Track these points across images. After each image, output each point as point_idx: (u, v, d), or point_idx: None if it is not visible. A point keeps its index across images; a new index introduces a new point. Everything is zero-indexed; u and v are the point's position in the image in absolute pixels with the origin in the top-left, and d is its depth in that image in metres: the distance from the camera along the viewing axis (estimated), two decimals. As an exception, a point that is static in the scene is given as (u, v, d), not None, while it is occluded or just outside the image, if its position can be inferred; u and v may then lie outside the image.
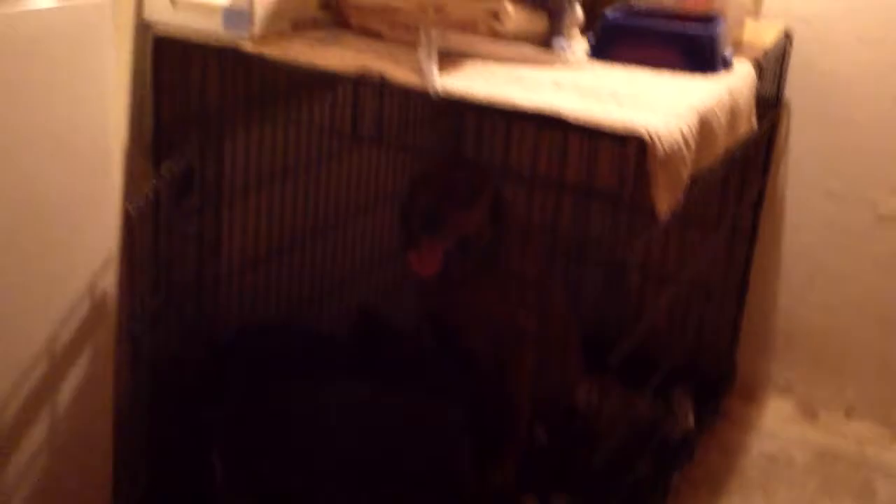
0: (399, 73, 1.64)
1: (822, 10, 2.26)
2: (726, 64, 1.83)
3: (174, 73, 1.79)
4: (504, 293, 2.12)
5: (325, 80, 1.92)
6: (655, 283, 2.28)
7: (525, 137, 2.02)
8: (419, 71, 1.64)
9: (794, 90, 2.25)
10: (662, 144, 1.49)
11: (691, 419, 2.24)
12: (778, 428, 2.42)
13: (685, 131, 1.55)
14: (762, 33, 2.12)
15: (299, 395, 1.92)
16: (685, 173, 1.58)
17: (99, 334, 1.72)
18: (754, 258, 2.40)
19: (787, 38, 2.23)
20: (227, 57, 1.75)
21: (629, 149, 1.49)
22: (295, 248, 2.16)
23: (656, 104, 1.58)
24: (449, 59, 1.71)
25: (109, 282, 1.70)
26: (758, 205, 2.35)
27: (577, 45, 1.93)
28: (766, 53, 2.02)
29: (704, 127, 1.64)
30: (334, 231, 2.28)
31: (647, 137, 1.47)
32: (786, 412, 2.49)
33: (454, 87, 1.59)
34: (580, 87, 1.65)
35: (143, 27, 1.75)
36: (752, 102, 1.89)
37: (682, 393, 2.26)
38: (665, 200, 1.55)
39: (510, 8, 1.78)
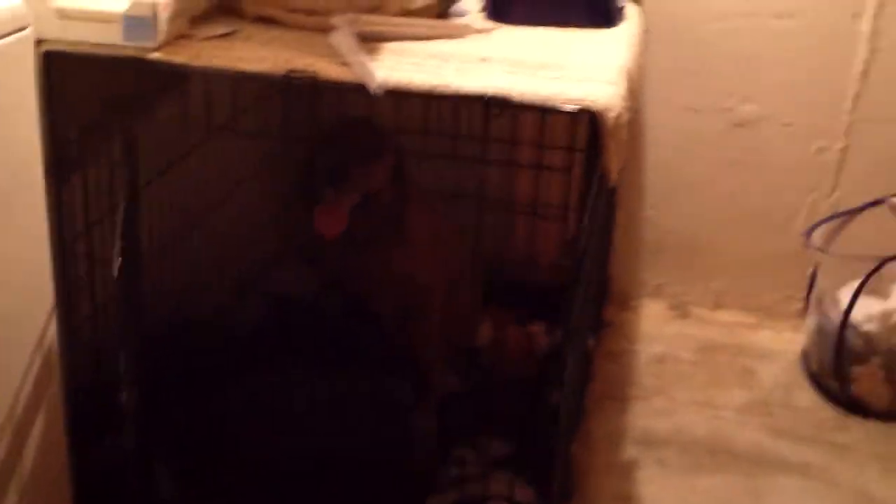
0: (328, 68, 1.60)
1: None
2: (621, 13, 1.89)
3: (67, 89, 1.66)
4: (407, 251, 2.15)
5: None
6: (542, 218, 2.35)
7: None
8: (350, 64, 1.60)
9: (648, 14, 2.32)
10: (611, 115, 1.55)
11: (591, 341, 2.37)
12: (657, 329, 2.60)
13: (623, 96, 1.62)
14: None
15: (242, 392, 1.91)
16: (625, 135, 1.65)
17: (50, 391, 1.62)
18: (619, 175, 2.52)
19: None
20: (128, 67, 1.64)
21: (581, 123, 1.55)
22: (180, 240, 2.08)
23: (590, 72, 1.63)
24: (367, 44, 1.69)
25: (52, 333, 1.60)
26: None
27: (470, 6, 1.93)
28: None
29: (630, 84, 1.71)
30: (214, 216, 2.22)
31: (599, 112, 1.52)
32: (660, 313, 2.67)
33: (393, 78, 1.57)
34: (507, 59, 1.68)
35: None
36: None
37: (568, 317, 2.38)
38: (615, 165, 1.62)
39: (419, -15, 1.77)
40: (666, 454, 2.18)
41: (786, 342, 2.57)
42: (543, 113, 1.54)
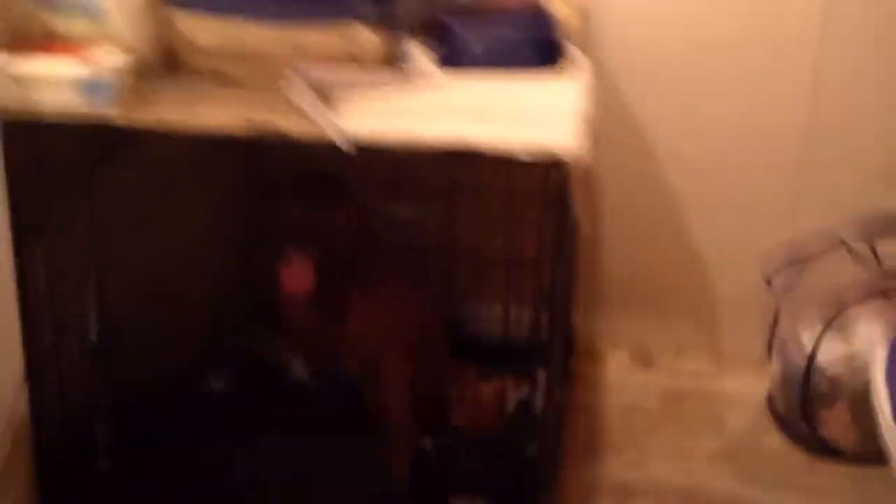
0: (294, 124, 1.59)
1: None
2: (565, 52, 1.91)
3: (27, 156, 1.63)
4: (371, 307, 2.13)
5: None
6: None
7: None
8: (314, 119, 1.59)
9: (595, 58, 2.26)
10: (578, 163, 1.55)
11: (559, 393, 2.34)
12: (623, 380, 2.58)
13: (587, 142, 1.62)
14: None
15: (211, 458, 1.85)
16: (592, 183, 1.66)
17: (20, 464, 1.56)
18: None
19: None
20: (94, 130, 1.61)
21: (550, 172, 1.55)
22: (146, 306, 2.05)
23: (553, 119, 1.63)
24: (325, 97, 1.68)
25: (22, 406, 1.54)
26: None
27: (419, 55, 1.93)
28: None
29: (590, 130, 1.71)
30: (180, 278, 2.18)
31: (567, 160, 1.52)
32: (624, 363, 2.66)
33: (361, 132, 1.57)
34: (467, 108, 1.68)
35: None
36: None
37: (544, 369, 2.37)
38: (586, 212, 1.62)
39: (369, 34, 1.76)
40: (642, 505, 2.18)
41: (750, 387, 2.55)
42: (512, 163, 1.54)
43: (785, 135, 2.47)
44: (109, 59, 1.61)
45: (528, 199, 1.89)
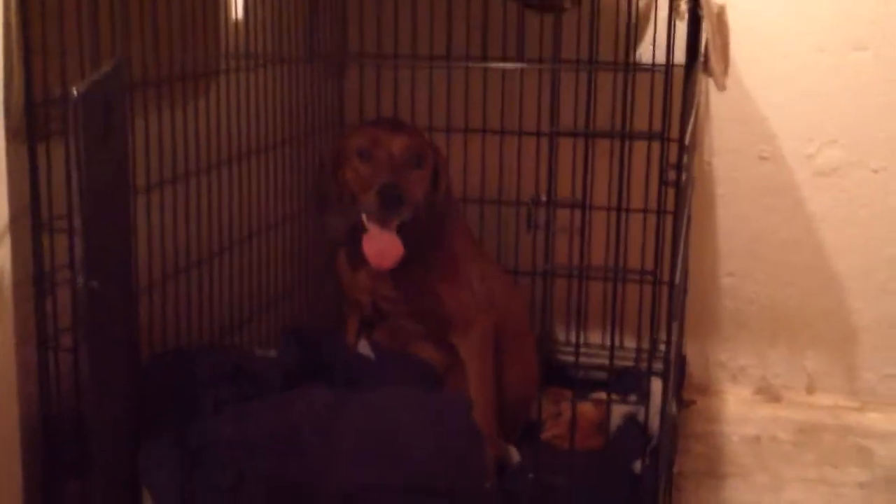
0: None
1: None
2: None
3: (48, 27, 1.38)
4: (447, 273, 1.83)
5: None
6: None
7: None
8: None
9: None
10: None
11: (674, 406, 1.99)
12: (746, 413, 2.22)
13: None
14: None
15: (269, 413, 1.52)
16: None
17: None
18: (689, 237, 2.19)
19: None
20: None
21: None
22: (213, 259, 1.79)
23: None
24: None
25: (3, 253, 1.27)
26: (678, 180, 2.16)
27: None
28: None
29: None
30: (258, 239, 1.96)
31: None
32: (746, 398, 2.29)
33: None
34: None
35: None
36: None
37: (657, 382, 2.02)
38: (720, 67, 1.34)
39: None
40: (781, 529, 1.79)
41: (899, 424, 2.17)
42: None
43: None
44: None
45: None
